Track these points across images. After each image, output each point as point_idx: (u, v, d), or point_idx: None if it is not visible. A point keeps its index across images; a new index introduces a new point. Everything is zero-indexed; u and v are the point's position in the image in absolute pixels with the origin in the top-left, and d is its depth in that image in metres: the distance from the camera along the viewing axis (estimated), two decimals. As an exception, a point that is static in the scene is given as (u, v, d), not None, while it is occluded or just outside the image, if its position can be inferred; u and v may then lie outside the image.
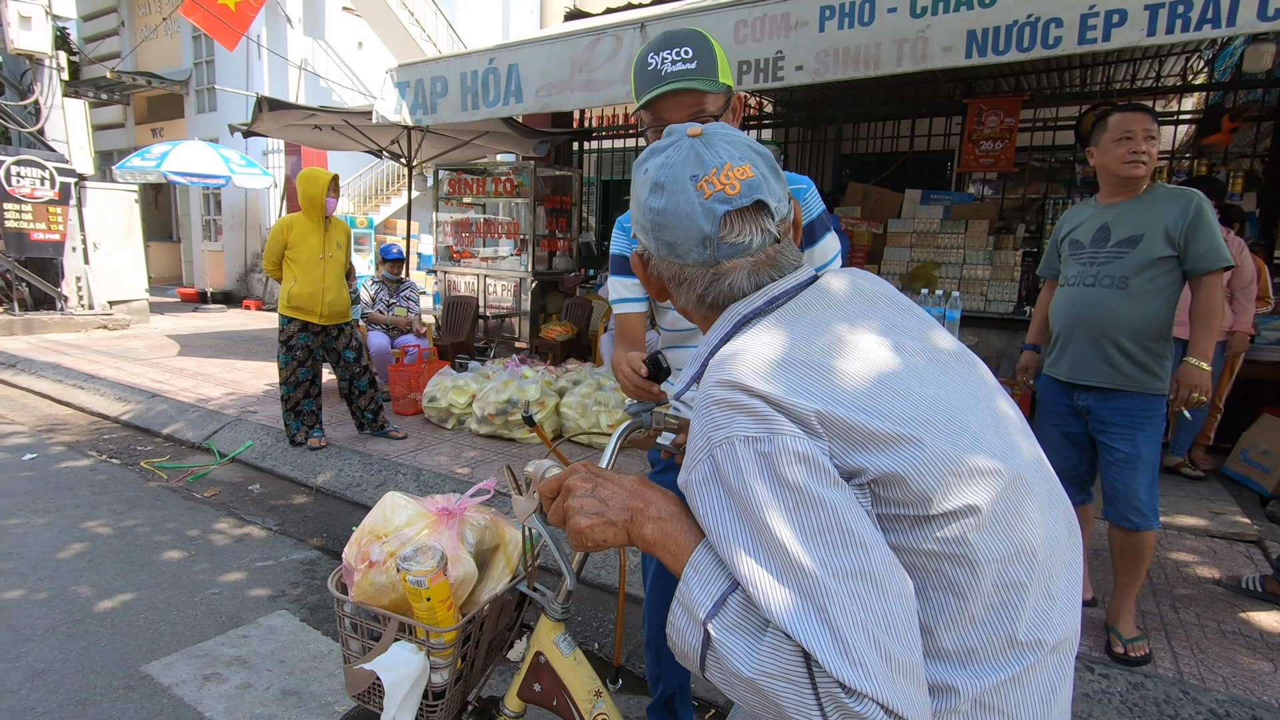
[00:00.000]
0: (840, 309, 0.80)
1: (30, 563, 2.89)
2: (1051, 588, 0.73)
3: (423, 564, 1.03)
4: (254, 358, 7.18)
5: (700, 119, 1.26)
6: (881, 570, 0.64)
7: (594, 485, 0.83)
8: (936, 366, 0.77)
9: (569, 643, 1.10)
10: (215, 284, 13.61)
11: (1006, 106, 5.78)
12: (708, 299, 0.83)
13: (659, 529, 0.77)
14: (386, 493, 1.24)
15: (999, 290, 5.43)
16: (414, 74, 4.86)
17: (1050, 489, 0.79)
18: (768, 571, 0.66)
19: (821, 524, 0.65)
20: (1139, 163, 2.18)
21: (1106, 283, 2.23)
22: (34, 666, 2.20)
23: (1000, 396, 0.81)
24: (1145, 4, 2.77)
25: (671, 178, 0.79)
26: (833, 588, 0.63)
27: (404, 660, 1.05)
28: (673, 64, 1.26)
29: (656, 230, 0.81)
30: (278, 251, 4.08)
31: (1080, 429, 2.36)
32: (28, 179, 8.13)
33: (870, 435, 0.68)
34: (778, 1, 3.50)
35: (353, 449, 4.20)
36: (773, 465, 0.67)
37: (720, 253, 0.79)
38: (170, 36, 13.86)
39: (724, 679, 0.68)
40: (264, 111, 6.21)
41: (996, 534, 0.69)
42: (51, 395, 5.76)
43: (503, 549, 1.23)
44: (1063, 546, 0.77)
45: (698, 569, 0.72)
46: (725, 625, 0.68)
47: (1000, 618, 0.69)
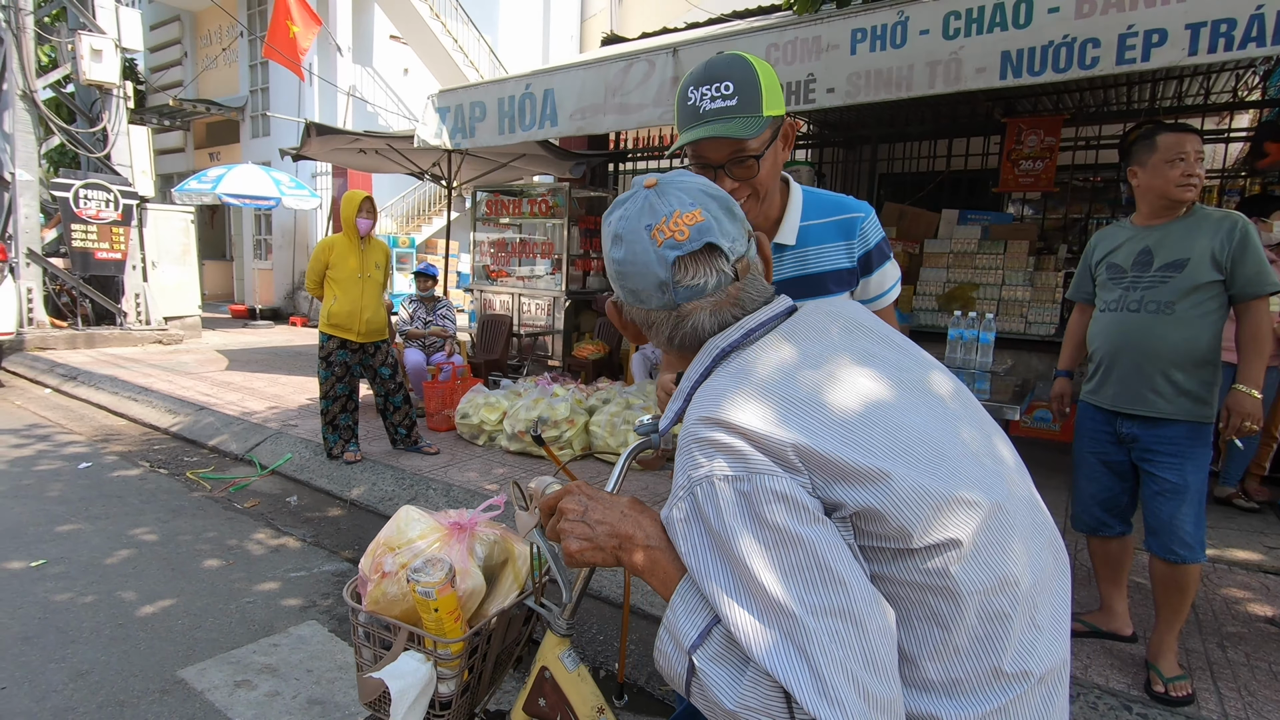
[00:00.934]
0: (817, 340, 0.81)
1: (80, 567, 3.02)
2: (1037, 617, 0.73)
3: (431, 575, 1.06)
4: (297, 373, 7.40)
5: (742, 158, 1.22)
6: (861, 607, 0.65)
7: (585, 509, 0.84)
8: (915, 397, 0.77)
9: (573, 658, 1.11)
10: (264, 301, 14.11)
11: (1047, 125, 5.68)
12: (675, 340, 0.85)
13: (648, 557, 0.79)
14: (402, 506, 1.28)
15: (1040, 312, 5.30)
16: (454, 99, 5.01)
17: (1034, 519, 0.78)
18: (747, 610, 0.66)
19: (800, 562, 0.65)
20: (1191, 185, 2.12)
21: (1152, 308, 2.16)
22: (78, 667, 2.29)
23: (983, 425, 0.81)
24: (1186, 23, 2.71)
25: (628, 228, 0.82)
26: (812, 626, 0.63)
27: (411, 669, 1.08)
28: (711, 100, 1.19)
29: (620, 279, 0.85)
30: (319, 271, 4.23)
31: (1121, 457, 2.29)
32: (94, 201, 8.59)
33: (846, 469, 0.68)
34: (809, 24, 3.52)
35: (386, 463, 4.29)
36: (752, 505, 0.67)
37: (678, 296, 0.81)
38: (229, 66, 14.56)
39: (707, 706, 0.69)
40: (312, 136, 6.47)
41: (978, 565, 0.69)
42: (108, 407, 6.03)
43: (511, 564, 1.25)
44: (1048, 576, 0.76)
45: (684, 598, 0.73)
46: (709, 656, 0.69)
47: (985, 649, 0.69)
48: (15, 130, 8.39)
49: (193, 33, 15.44)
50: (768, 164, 1.25)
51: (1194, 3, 2.66)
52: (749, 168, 1.22)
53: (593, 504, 0.84)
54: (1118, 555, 2.40)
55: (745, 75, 1.20)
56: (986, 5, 3.08)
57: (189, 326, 10.04)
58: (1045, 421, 5.35)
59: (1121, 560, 2.41)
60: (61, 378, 6.94)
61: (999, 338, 5.12)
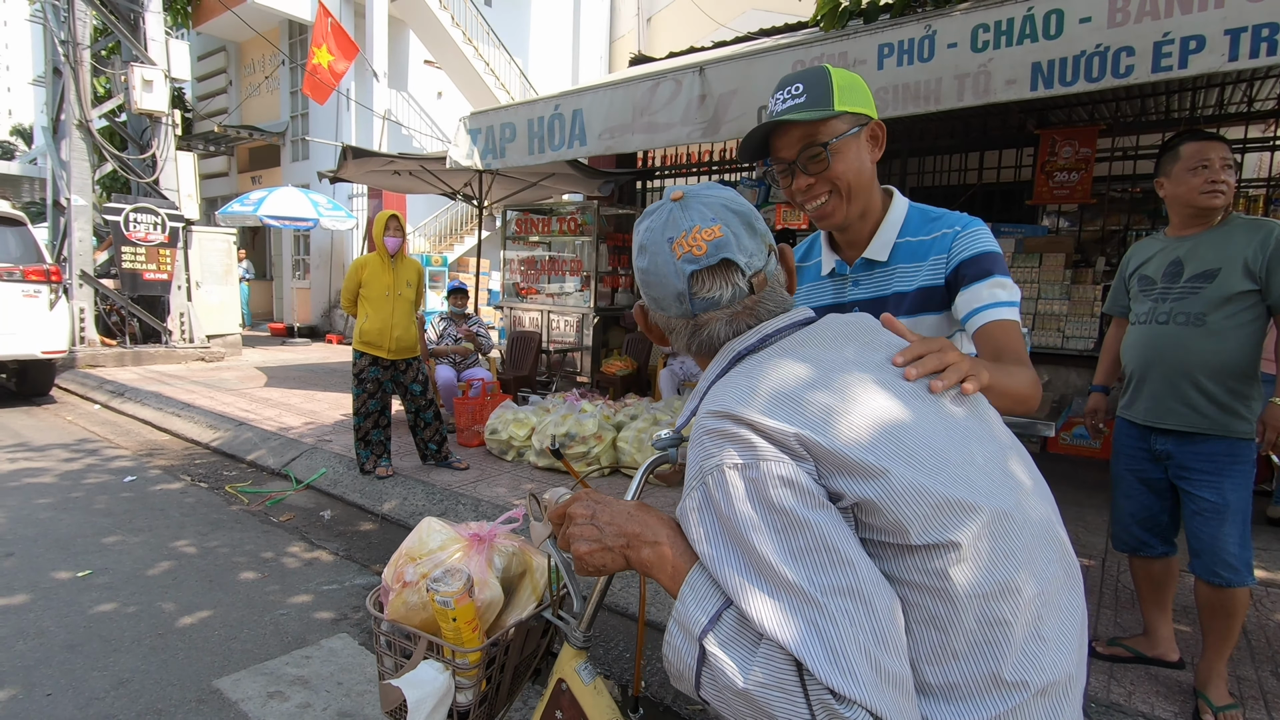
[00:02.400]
0: (829, 348, 0.83)
1: (123, 578, 3.11)
2: (1041, 629, 0.72)
3: (450, 585, 1.08)
4: (332, 389, 7.56)
5: (813, 152, 1.24)
6: (869, 586, 0.67)
7: (593, 513, 0.87)
8: (923, 407, 0.79)
9: (590, 671, 1.11)
10: (302, 319, 14.48)
11: (1082, 136, 5.58)
12: (692, 346, 0.91)
13: (655, 552, 0.81)
14: (425, 518, 1.30)
15: (1077, 326, 5.18)
16: (484, 121, 5.12)
17: (1045, 532, 0.78)
18: (759, 589, 0.69)
19: (808, 544, 0.68)
20: (1217, 192, 2.07)
21: (1181, 320, 2.11)
22: (119, 675, 2.35)
23: (997, 441, 0.82)
24: (1225, 29, 2.64)
25: (652, 240, 0.88)
26: (822, 602, 0.66)
27: (430, 678, 1.10)
28: (783, 102, 1.24)
29: (644, 287, 0.90)
30: (353, 289, 4.33)
31: (1159, 475, 2.22)
32: (143, 224, 8.95)
33: (846, 462, 0.71)
34: (835, 41, 3.52)
35: (417, 478, 4.35)
36: (760, 490, 0.70)
37: (695, 307, 0.86)
38: (271, 93, 15.09)
39: (718, 695, 0.70)
40: (348, 159, 6.66)
41: (978, 570, 0.70)
42: (153, 422, 6.23)
43: (530, 576, 1.27)
44: (1056, 589, 0.75)
45: (693, 587, 0.75)
46: (721, 640, 0.70)
47: (984, 655, 0.69)
48: (71, 158, 8.80)
49: (237, 62, 16.06)
50: (845, 158, 1.25)
51: (1233, 8, 2.60)
52: (820, 161, 1.24)
53: (600, 507, 0.87)
54: (1161, 577, 2.31)
55: (816, 76, 1.23)
56: (1016, 17, 3.06)
57: (230, 344, 10.34)
58: (1084, 439, 5.20)
59: (1165, 582, 2.31)
60: (110, 394, 7.20)
61: (1035, 352, 5.03)
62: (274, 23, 13.70)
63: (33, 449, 5.25)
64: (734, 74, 3.78)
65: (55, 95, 9.08)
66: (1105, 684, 2.25)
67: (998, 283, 1.27)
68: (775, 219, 6.87)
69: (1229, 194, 2.09)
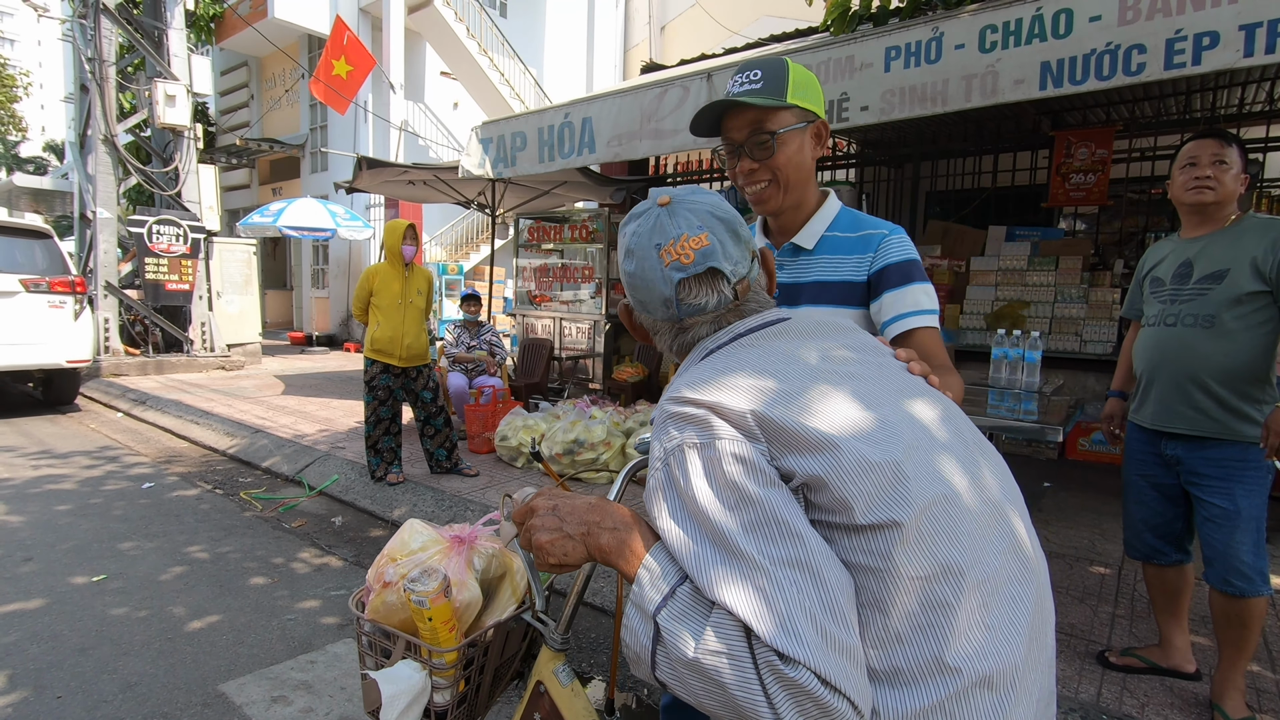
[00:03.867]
0: (796, 340, 0.87)
1: (137, 582, 3.15)
2: (986, 617, 0.72)
3: (426, 585, 1.09)
4: (348, 396, 7.64)
5: (760, 139, 1.30)
6: (818, 559, 0.69)
7: (555, 505, 0.89)
8: (882, 394, 0.82)
9: (568, 673, 1.11)
10: (320, 328, 14.68)
11: (1098, 138, 5.50)
12: (675, 347, 0.95)
13: (614, 538, 0.82)
14: (409, 519, 1.31)
15: (1095, 330, 5.09)
16: (496, 130, 5.16)
17: (997, 521, 0.78)
18: (713, 558, 0.71)
19: (759, 518, 0.71)
20: (1202, 188, 2.05)
21: (1189, 321, 2.07)
22: (128, 679, 2.38)
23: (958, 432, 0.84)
24: (1240, 24, 2.59)
25: (639, 245, 0.91)
26: (771, 571, 0.68)
27: (406, 676, 1.11)
28: (740, 85, 1.30)
29: (631, 290, 0.93)
30: (364, 298, 4.38)
31: (1170, 480, 2.17)
32: (165, 236, 9.13)
33: (797, 438, 0.74)
34: (842, 45, 3.51)
35: (428, 485, 4.37)
36: (715, 467, 0.74)
37: (681, 312, 0.90)
38: (291, 106, 15.38)
39: (673, 672, 0.71)
40: (363, 170, 6.75)
41: (920, 551, 0.71)
42: (172, 430, 6.34)
43: (510, 578, 1.27)
44: (1004, 579, 0.75)
45: (649, 569, 0.77)
46: (674, 615, 0.72)
47: (926, 638, 0.69)
48: (97, 172, 9.02)
49: (258, 76, 16.39)
50: (789, 150, 1.32)
51: (1247, 3, 2.54)
52: (766, 147, 1.30)
53: (562, 500, 0.89)
54: (1175, 585, 2.25)
55: (775, 66, 1.29)
56: (1025, 17, 3.03)
57: (249, 353, 10.50)
58: (1103, 444, 5.10)
59: (1179, 590, 2.25)
60: (132, 402, 7.34)
61: (1052, 357, 4.94)
62: (294, 37, 13.97)
63: (55, 456, 5.36)
64: (740, 79, 3.77)
65: (83, 111, 9.32)
66: (1118, 695, 2.19)
67: (922, 289, 1.34)
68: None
69: (1219, 191, 2.04)
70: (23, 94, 29.93)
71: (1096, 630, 2.60)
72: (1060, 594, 2.91)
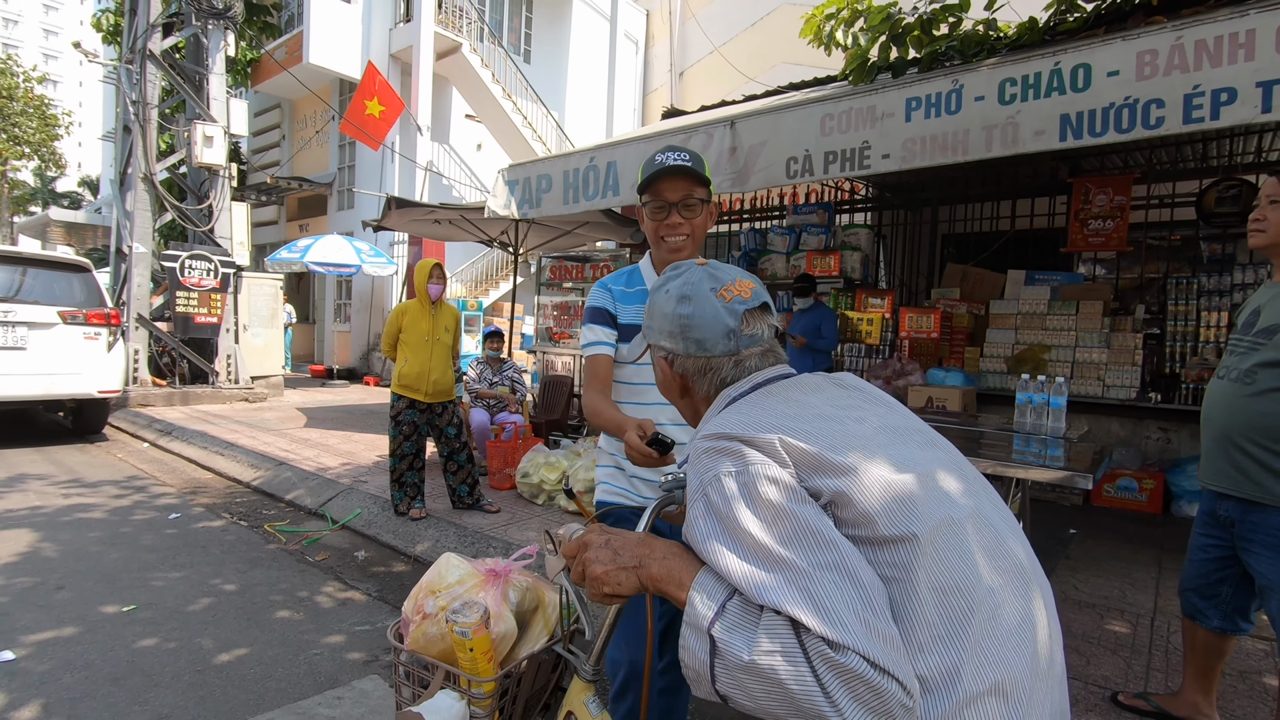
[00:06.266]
0: (809, 390, 0.97)
1: (165, 613, 3.19)
2: (998, 629, 0.79)
3: (469, 617, 1.15)
4: (369, 431, 7.72)
5: (689, 201, 1.65)
6: (853, 562, 0.76)
7: (607, 539, 0.97)
8: (893, 434, 0.91)
9: (597, 704, 1.16)
10: (341, 361, 14.87)
11: (1116, 184, 5.56)
12: (729, 380, 1.03)
13: (663, 567, 0.90)
14: (445, 553, 1.35)
15: (1118, 375, 5.07)
16: (522, 173, 5.31)
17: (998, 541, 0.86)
18: (757, 568, 0.78)
19: (795, 530, 0.78)
20: (1255, 231, 2.04)
21: (1234, 375, 2.01)
22: (159, 711, 2.40)
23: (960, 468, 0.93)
24: (1257, 81, 2.65)
25: (696, 291, 1.03)
26: (813, 573, 0.75)
27: (447, 706, 1.15)
28: (674, 158, 1.62)
29: (686, 331, 1.02)
30: (393, 334, 4.48)
31: (1219, 541, 2.11)
32: (197, 270, 9.39)
33: (821, 460, 0.83)
34: (864, 95, 3.62)
35: (450, 521, 4.39)
36: (751, 489, 0.82)
37: (742, 343, 1.02)
38: (320, 146, 15.86)
39: (731, 681, 0.76)
40: (392, 209, 6.95)
41: (938, 565, 0.78)
42: (197, 461, 6.43)
43: (542, 611, 1.33)
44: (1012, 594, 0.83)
45: (700, 588, 0.83)
46: (727, 627, 0.78)
47: (945, 647, 0.76)
48: (135, 208, 9.34)
49: (290, 117, 16.96)
50: (703, 216, 1.69)
51: (1264, 60, 2.61)
52: (694, 209, 1.66)
53: (613, 536, 0.97)
54: (1204, 648, 2.19)
55: (695, 154, 1.67)
56: (1044, 71, 3.11)
57: (273, 385, 10.66)
58: (1130, 491, 5.03)
59: (1211, 655, 2.19)
60: (158, 433, 7.46)
61: (1075, 401, 4.92)
62: (326, 81, 14.50)
63: (85, 485, 5.45)
64: (763, 127, 3.89)
65: (124, 150, 9.69)
66: (1157, 751, 2.14)
67: None
68: (806, 264, 6.92)
69: (1270, 233, 1.99)
70: (64, 133, 31.12)
71: (1131, 683, 2.55)
72: (1092, 645, 2.86)
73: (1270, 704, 2.37)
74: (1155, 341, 5.38)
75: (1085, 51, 2.97)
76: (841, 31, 4.14)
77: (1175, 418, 5.07)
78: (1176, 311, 5.29)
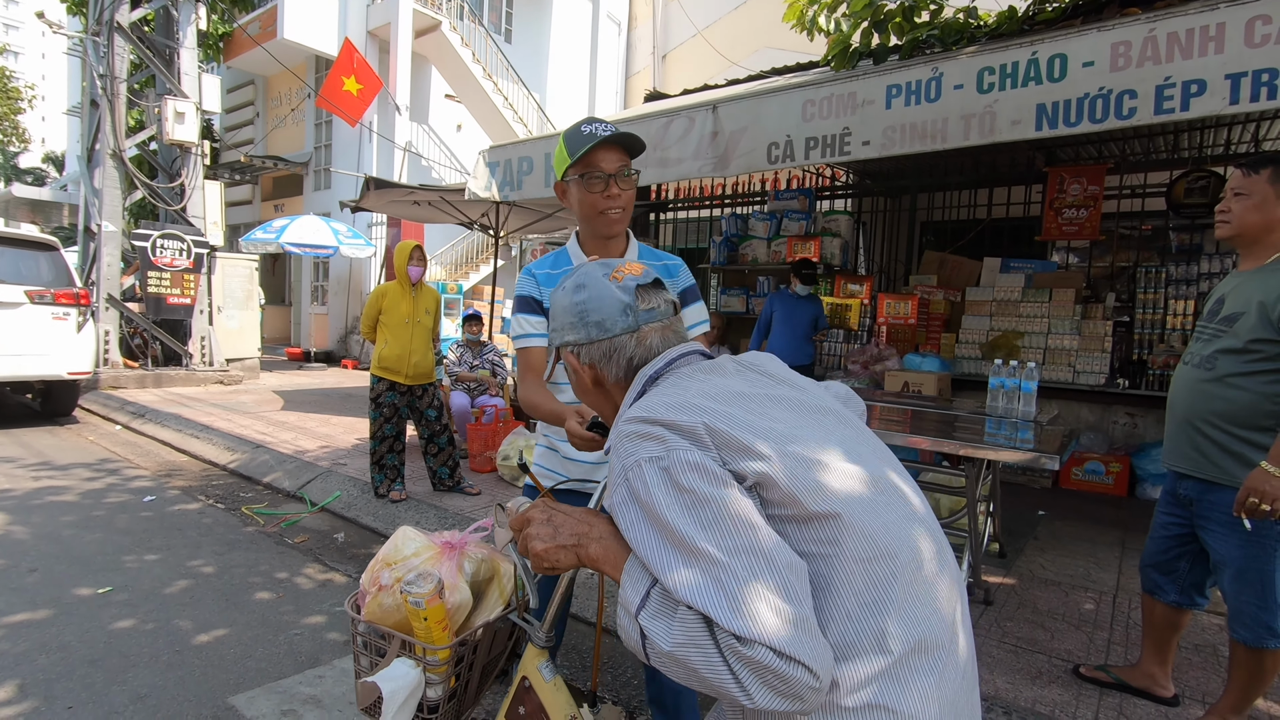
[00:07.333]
0: (723, 373, 0.99)
1: (142, 595, 3.17)
2: (917, 592, 0.84)
3: (422, 588, 1.18)
4: (347, 414, 7.66)
5: (627, 174, 1.61)
6: (769, 545, 0.79)
7: (549, 516, 1.00)
8: (803, 412, 0.94)
9: (550, 669, 1.21)
10: (318, 344, 14.69)
11: (1090, 174, 5.66)
12: (635, 360, 1.04)
13: (601, 547, 0.94)
14: (401, 526, 1.40)
15: (1088, 361, 5.20)
16: (503, 154, 5.27)
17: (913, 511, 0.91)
18: (674, 561, 0.80)
19: (714, 515, 0.80)
20: (1220, 222, 2.08)
21: (1196, 362, 2.08)
22: (138, 691, 2.40)
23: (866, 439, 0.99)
24: (1226, 73, 2.72)
25: (589, 278, 1.07)
26: (726, 562, 0.77)
27: (402, 674, 1.19)
28: (604, 130, 1.58)
29: (584, 316, 1.04)
30: (373, 316, 4.44)
31: (1178, 520, 2.19)
32: (169, 250, 9.20)
33: (743, 445, 0.85)
34: (844, 81, 3.64)
35: (430, 503, 4.40)
36: (671, 476, 0.83)
37: (640, 319, 1.04)
38: (296, 124, 15.54)
39: (659, 660, 0.81)
40: (371, 190, 6.86)
41: (861, 537, 0.82)
42: (172, 443, 6.34)
43: (497, 581, 1.38)
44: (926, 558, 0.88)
45: (629, 574, 0.87)
46: (650, 614, 0.82)
47: (871, 613, 0.80)
48: (104, 186, 9.10)
49: (264, 95, 16.58)
50: (632, 191, 1.66)
51: (1233, 54, 2.68)
52: (631, 181, 1.63)
53: (555, 512, 1.00)
54: (1164, 621, 2.28)
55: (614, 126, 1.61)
56: (1020, 61, 3.15)
57: (248, 368, 10.51)
58: (1097, 474, 5.17)
59: (1167, 628, 2.28)
60: (131, 415, 7.34)
61: (1046, 387, 5.04)
62: (301, 58, 14.18)
63: (56, 468, 5.36)
64: (745, 112, 3.90)
65: (91, 126, 9.42)
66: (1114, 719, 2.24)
67: (701, 308, 1.82)
68: (787, 251, 6.97)
69: (1233, 224, 2.02)
70: (27, 106, 30.11)
71: (1093, 656, 2.65)
72: (1057, 620, 2.96)
73: (1222, 675, 2.48)
74: (1124, 329, 5.52)
75: (1062, 42, 3.02)
76: (824, 17, 4.14)
77: (1142, 403, 5.21)
78: (1145, 300, 5.42)
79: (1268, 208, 1.97)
